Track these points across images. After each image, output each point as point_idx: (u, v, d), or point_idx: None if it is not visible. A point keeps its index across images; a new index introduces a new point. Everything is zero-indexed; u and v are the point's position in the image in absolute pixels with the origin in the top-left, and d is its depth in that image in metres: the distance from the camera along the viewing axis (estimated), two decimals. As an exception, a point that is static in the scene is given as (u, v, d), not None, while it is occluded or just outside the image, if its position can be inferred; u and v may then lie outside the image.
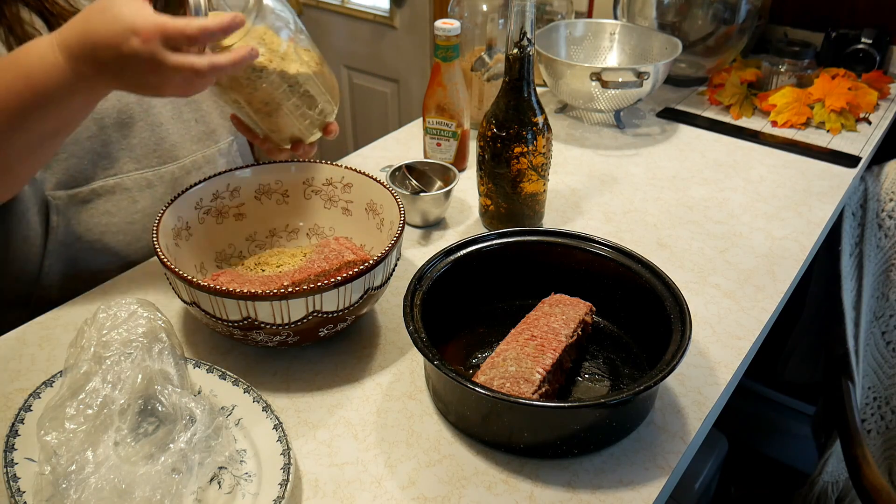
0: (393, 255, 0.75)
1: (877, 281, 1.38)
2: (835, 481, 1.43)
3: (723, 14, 1.38)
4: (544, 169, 0.93)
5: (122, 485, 0.56)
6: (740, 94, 1.36)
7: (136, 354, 0.63)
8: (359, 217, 0.89)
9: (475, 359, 0.78)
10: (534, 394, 0.66)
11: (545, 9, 1.43)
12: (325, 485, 0.65)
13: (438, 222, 1.02)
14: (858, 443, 1.20)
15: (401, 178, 1.03)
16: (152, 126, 0.92)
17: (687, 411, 0.73)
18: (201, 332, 0.82)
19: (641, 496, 0.64)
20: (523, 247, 0.82)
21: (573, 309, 0.77)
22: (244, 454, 0.65)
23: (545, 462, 0.67)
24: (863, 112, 1.31)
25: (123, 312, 0.65)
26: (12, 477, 0.58)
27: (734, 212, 1.06)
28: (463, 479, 0.65)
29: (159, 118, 0.93)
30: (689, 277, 0.92)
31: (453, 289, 0.78)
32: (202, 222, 0.85)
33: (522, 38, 0.86)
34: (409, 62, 2.29)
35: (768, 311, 0.87)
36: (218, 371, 0.71)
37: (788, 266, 0.95)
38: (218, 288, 0.67)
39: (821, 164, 1.19)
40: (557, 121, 1.33)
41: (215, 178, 0.86)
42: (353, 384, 0.75)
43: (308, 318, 0.70)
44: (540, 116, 0.90)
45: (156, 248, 0.73)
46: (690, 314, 0.71)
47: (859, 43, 1.41)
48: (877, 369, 1.43)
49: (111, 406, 0.60)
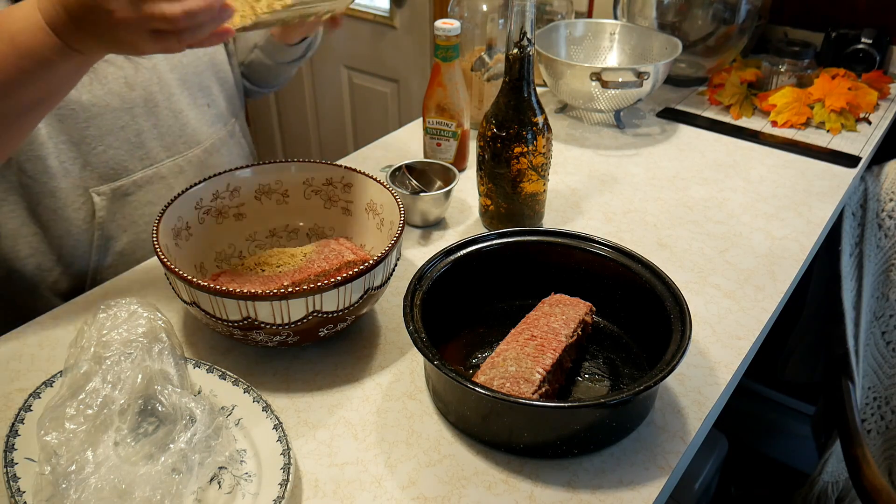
0: (393, 255, 0.75)
1: (877, 281, 1.38)
2: (835, 481, 1.43)
3: (723, 14, 1.38)
4: (544, 169, 0.94)
5: (122, 485, 0.56)
6: (740, 94, 1.36)
7: (136, 354, 0.63)
8: (359, 217, 0.89)
9: (475, 359, 0.78)
10: (534, 394, 0.66)
11: (545, 9, 1.43)
12: (325, 485, 0.65)
13: (438, 222, 1.02)
14: (858, 443, 1.21)
15: (401, 178, 1.03)
16: (175, 113, 0.96)
17: (687, 411, 0.73)
18: (201, 332, 0.82)
19: (641, 496, 0.64)
20: (523, 247, 0.82)
21: (573, 309, 0.77)
22: (244, 454, 0.65)
23: (545, 462, 0.67)
24: (863, 112, 1.31)
25: (123, 312, 0.65)
26: (12, 477, 0.58)
27: (734, 212, 1.06)
28: (463, 479, 0.65)
29: (179, 104, 0.96)
30: (689, 277, 0.92)
31: (453, 289, 0.78)
32: (202, 222, 0.85)
33: (522, 38, 0.86)
34: (409, 62, 2.29)
35: (768, 311, 0.87)
36: (218, 371, 0.71)
37: (788, 266, 0.95)
38: (218, 288, 0.67)
39: (821, 164, 1.19)
40: (557, 121, 1.33)
41: (215, 178, 0.86)
42: (353, 384, 0.75)
43: (308, 318, 0.70)
44: (540, 116, 0.91)
45: (156, 248, 0.73)
46: (690, 314, 0.71)
47: (859, 43, 1.41)
48: (877, 369, 1.43)
49: (111, 406, 0.60)
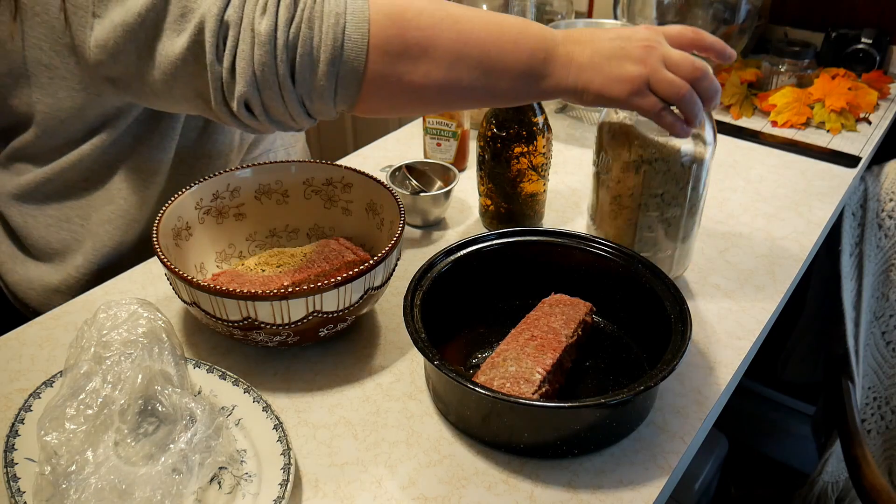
0: (393, 255, 0.75)
1: (877, 281, 1.38)
2: (835, 481, 1.43)
3: (723, 14, 1.38)
4: (544, 169, 0.94)
5: (123, 485, 0.56)
6: (740, 94, 1.36)
7: (136, 354, 0.63)
8: (359, 217, 0.89)
9: (475, 359, 0.78)
10: (534, 394, 0.66)
11: (545, 9, 1.43)
12: (325, 485, 0.65)
13: (438, 222, 1.02)
14: (858, 443, 1.21)
15: (401, 178, 1.03)
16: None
17: (687, 411, 0.73)
18: (201, 332, 0.82)
19: (641, 496, 0.64)
20: (523, 247, 0.82)
21: (573, 309, 0.77)
22: (244, 454, 0.65)
23: (545, 462, 0.67)
24: (863, 112, 1.31)
25: (123, 312, 0.65)
26: (12, 477, 0.58)
27: (734, 212, 1.06)
28: (463, 479, 0.65)
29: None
30: (689, 277, 0.92)
31: (453, 289, 0.78)
32: (202, 222, 0.85)
33: (522, 38, 0.86)
34: (409, 62, 2.28)
35: (768, 311, 0.87)
36: (218, 371, 0.71)
37: (788, 266, 0.95)
38: (218, 288, 0.67)
39: (821, 164, 1.19)
40: (557, 121, 1.33)
41: (215, 178, 0.86)
42: (353, 384, 0.75)
43: (308, 318, 0.70)
44: (540, 116, 0.91)
45: (156, 248, 0.73)
46: (690, 314, 0.71)
47: (859, 43, 1.41)
48: (877, 369, 1.43)
49: (111, 406, 0.60)
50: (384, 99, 0.67)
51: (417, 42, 0.64)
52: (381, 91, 0.66)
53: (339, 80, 0.64)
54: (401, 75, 0.65)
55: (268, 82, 0.63)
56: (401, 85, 0.66)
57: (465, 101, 0.72)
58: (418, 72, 0.65)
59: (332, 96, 0.66)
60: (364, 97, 0.66)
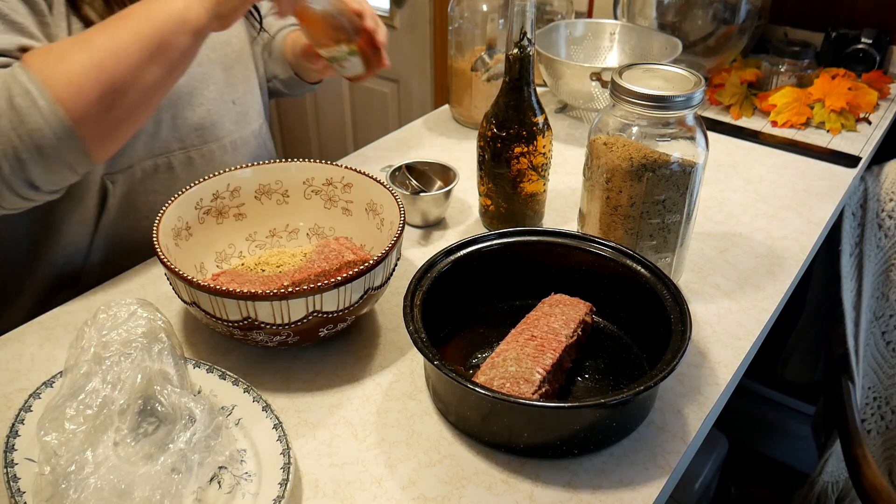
0: (393, 255, 0.75)
1: (877, 281, 1.38)
2: (835, 481, 1.43)
3: (723, 14, 1.38)
4: (544, 169, 0.94)
5: (122, 485, 0.56)
6: (740, 94, 1.36)
7: (135, 355, 0.63)
8: (359, 217, 0.89)
9: (475, 359, 0.78)
10: (534, 394, 0.66)
11: (545, 9, 1.43)
12: (325, 485, 0.65)
13: (438, 222, 1.02)
14: (858, 443, 1.21)
15: (401, 178, 1.03)
16: (195, 106, 0.96)
17: (687, 411, 0.73)
18: (201, 332, 0.82)
19: (641, 496, 0.64)
20: (523, 247, 0.82)
21: (573, 309, 0.77)
22: (244, 454, 0.65)
23: (545, 462, 0.67)
24: (863, 112, 1.31)
25: (123, 312, 0.65)
26: (12, 477, 0.58)
27: (734, 212, 1.06)
28: (463, 479, 0.65)
29: (202, 98, 0.96)
30: (689, 277, 0.92)
31: (453, 289, 0.78)
32: (202, 222, 0.85)
33: (522, 38, 0.86)
34: (409, 62, 2.29)
35: (768, 311, 0.87)
36: (218, 371, 0.71)
37: (788, 266, 0.95)
38: (218, 288, 0.67)
39: (821, 164, 1.19)
40: (557, 121, 1.33)
41: (215, 178, 0.86)
42: (353, 384, 0.75)
43: (308, 318, 0.70)
44: (540, 116, 0.90)
45: (156, 248, 0.73)
46: (690, 314, 0.71)
47: (859, 43, 1.41)
48: (877, 369, 1.43)
49: (111, 406, 0.60)
50: (108, 140, 0.78)
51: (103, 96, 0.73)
52: (102, 137, 0.76)
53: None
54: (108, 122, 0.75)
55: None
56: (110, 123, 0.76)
57: (165, 86, 0.79)
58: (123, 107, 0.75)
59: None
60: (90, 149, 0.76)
